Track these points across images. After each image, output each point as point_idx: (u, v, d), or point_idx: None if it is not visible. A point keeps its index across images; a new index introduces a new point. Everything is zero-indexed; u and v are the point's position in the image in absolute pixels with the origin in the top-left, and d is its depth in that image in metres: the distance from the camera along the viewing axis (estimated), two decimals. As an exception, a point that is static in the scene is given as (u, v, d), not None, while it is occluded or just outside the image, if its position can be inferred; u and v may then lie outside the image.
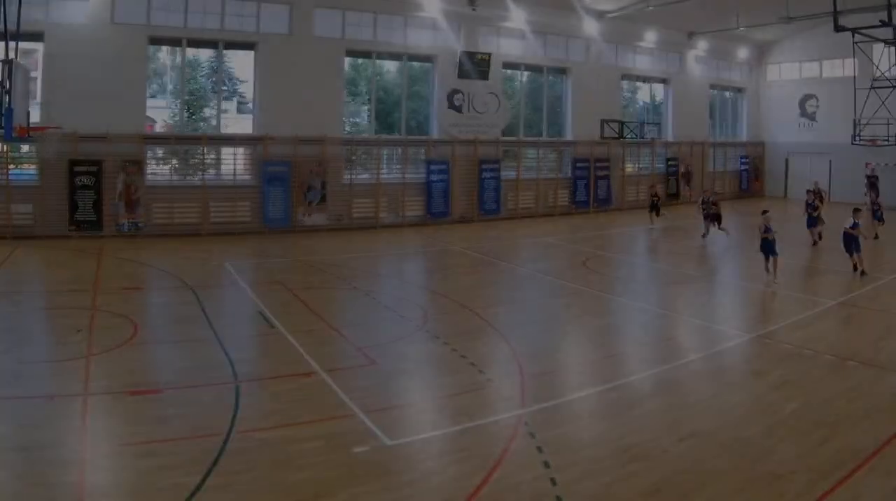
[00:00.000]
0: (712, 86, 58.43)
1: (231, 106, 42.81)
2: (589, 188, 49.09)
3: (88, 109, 33.08)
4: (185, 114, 39.50)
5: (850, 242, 26.90)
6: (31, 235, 32.68)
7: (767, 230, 25.35)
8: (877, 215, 35.84)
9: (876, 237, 34.07)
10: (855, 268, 26.95)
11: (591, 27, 47.62)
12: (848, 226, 26.44)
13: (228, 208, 37.04)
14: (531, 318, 21.23)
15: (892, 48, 45.33)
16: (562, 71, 49.09)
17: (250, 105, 40.43)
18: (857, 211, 27.63)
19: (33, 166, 34.66)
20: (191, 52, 39.29)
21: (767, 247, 25.44)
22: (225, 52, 39.00)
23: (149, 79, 37.68)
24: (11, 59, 23.58)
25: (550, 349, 18.59)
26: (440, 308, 22.61)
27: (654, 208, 41.58)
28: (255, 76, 38.67)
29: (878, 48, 47.34)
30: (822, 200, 35.64)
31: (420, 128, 45.01)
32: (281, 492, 10.57)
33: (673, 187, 54.01)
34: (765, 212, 26.72)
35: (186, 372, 15.62)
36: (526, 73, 48.67)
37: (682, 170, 54.76)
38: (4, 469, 11.01)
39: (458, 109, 43.54)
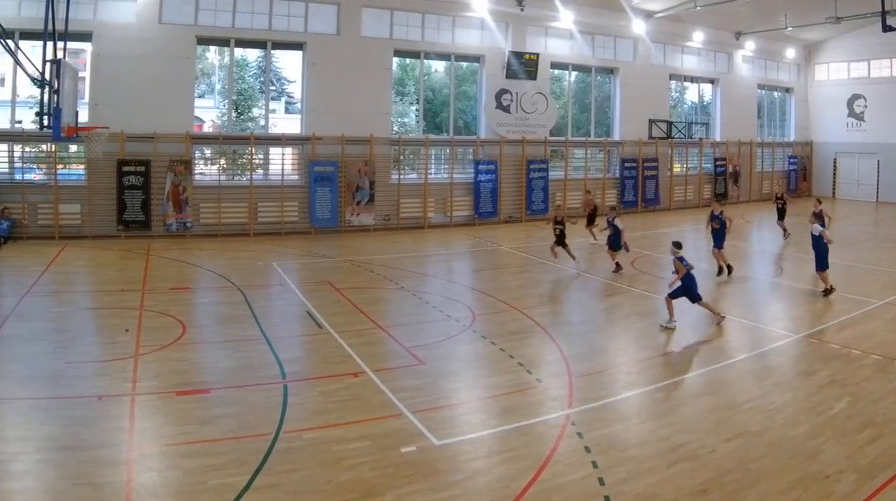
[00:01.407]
0: (760, 86, 56.70)
1: (279, 106, 42.16)
2: (637, 188, 47.80)
3: (136, 109, 32.48)
4: (233, 114, 38.81)
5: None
6: (79, 235, 32.09)
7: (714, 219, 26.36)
8: None
9: None
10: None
11: (639, 27, 46.17)
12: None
13: (276, 208, 36.15)
14: (579, 318, 20.67)
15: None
16: (610, 71, 47.77)
17: (298, 105, 39.58)
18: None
19: (81, 166, 34.08)
20: (239, 52, 38.81)
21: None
22: (273, 51, 38.36)
23: (197, 79, 36.99)
24: (60, 59, 23.28)
25: (598, 349, 18.17)
26: (488, 308, 21.93)
27: (592, 219, 35.20)
28: (303, 76, 37.72)
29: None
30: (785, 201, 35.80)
31: (468, 128, 44.20)
32: (328, 492, 10.43)
33: (721, 187, 52.35)
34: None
35: (234, 372, 15.48)
36: (574, 73, 47.50)
37: (730, 170, 53.15)
38: (52, 468, 10.88)
39: (506, 109, 42.33)
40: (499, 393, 14.56)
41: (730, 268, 26.08)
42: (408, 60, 43.50)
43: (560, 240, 28.18)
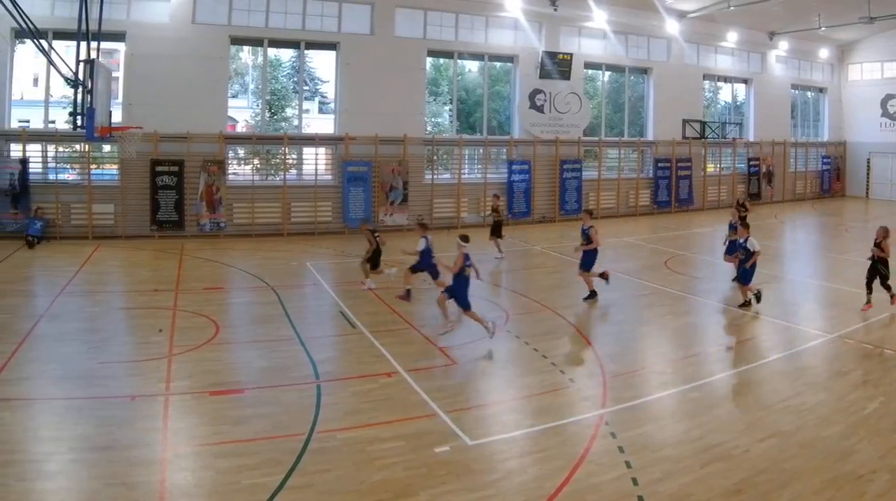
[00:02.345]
0: (794, 86, 55.39)
1: (312, 106, 41.78)
2: (670, 188, 46.69)
3: (170, 109, 32.01)
4: (267, 114, 38.27)
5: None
6: (113, 235, 31.63)
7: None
8: None
9: None
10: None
11: (672, 27, 45.18)
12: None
13: (310, 208, 35.49)
14: (612, 318, 20.38)
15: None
16: (643, 71, 46.72)
17: (332, 105, 38.88)
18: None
19: (115, 166, 33.61)
20: (272, 52, 38.35)
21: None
22: (306, 51, 37.74)
23: (230, 79, 36.60)
24: (93, 59, 22.80)
25: (631, 349, 17.96)
26: (521, 308, 21.65)
27: (497, 230, 30.43)
28: (337, 76, 37.06)
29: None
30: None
31: (501, 128, 43.42)
32: (362, 492, 10.36)
33: (755, 187, 51.37)
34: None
35: (268, 373, 15.37)
36: (607, 73, 46.54)
37: (763, 170, 52.02)
38: (86, 468, 10.79)
39: (540, 109, 41.46)
40: (532, 393, 14.42)
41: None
42: (441, 60, 42.88)
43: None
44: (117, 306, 21.20)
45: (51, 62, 23.41)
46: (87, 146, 31.77)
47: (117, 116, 30.13)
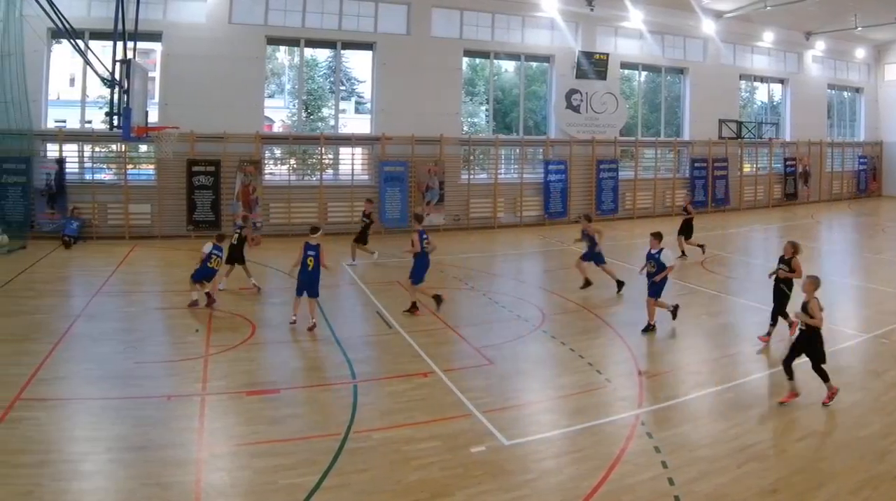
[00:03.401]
0: (830, 86, 53.99)
1: (349, 106, 41.32)
2: (707, 188, 45.53)
3: (206, 109, 31.61)
4: (303, 114, 37.69)
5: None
6: (149, 235, 31.17)
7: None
8: None
9: None
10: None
11: (708, 27, 44.07)
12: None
13: (346, 208, 34.69)
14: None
15: None
16: (680, 71, 45.57)
17: (368, 105, 38.23)
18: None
19: (151, 166, 33.17)
20: (309, 52, 37.95)
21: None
22: (343, 51, 37.22)
23: (266, 79, 35.94)
24: (130, 59, 22.53)
25: (667, 349, 17.63)
26: (557, 308, 21.21)
27: (363, 236, 27.66)
28: (373, 76, 36.41)
29: None
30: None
31: (537, 128, 42.47)
32: (398, 492, 10.18)
33: (791, 187, 50.18)
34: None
35: (304, 373, 15.42)
36: (644, 73, 45.41)
37: (799, 170, 50.68)
38: (122, 468, 10.65)
39: (576, 109, 40.51)
40: (568, 393, 14.19)
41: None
42: (477, 60, 42.03)
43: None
44: (153, 306, 20.85)
45: (87, 62, 22.95)
46: (123, 146, 31.39)
47: (154, 116, 29.79)
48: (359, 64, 39.36)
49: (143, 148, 32.91)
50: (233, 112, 32.23)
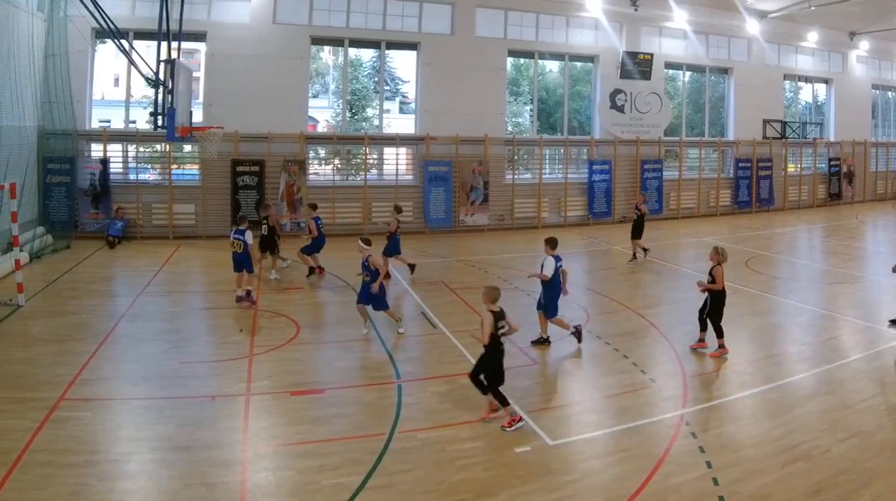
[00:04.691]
0: (874, 86, 51.73)
1: (393, 106, 40.53)
2: (751, 188, 43.85)
3: (250, 109, 30.87)
4: (348, 114, 36.70)
5: None
6: (193, 235, 30.36)
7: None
8: None
9: None
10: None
11: (753, 27, 42.36)
12: None
13: (390, 208, 33.05)
14: (692, 318, 18.03)
15: None
16: (724, 71, 43.78)
17: (412, 105, 37.21)
18: None
19: (195, 166, 32.33)
20: (353, 52, 37.08)
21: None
22: (387, 51, 36.08)
23: (311, 79, 35.00)
24: (174, 59, 22.13)
25: (712, 349, 16.36)
26: (602, 308, 20.66)
27: (272, 244, 24.01)
28: (417, 76, 35.26)
29: None
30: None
31: (582, 128, 40.97)
32: (442, 492, 10.01)
33: (836, 187, 48.29)
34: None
35: (348, 372, 14.93)
36: (688, 73, 43.68)
37: (844, 169, 48.70)
38: (167, 468, 10.50)
39: (621, 109, 39.03)
40: (613, 393, 13.82)
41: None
42: (522, 60, 40.66)
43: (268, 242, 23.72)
44: (198, 306, 20.60)
45: (132, 62, 22.60)
46: (167, 146, 30.61)
47: (198, 116, 29.00)
48: (403, 64, 38.61)
49: (188, 148, 32.20)
50: (277, 112, 31.41)
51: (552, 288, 16.58)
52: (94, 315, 18.71)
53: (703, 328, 16.34)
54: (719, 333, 15.98)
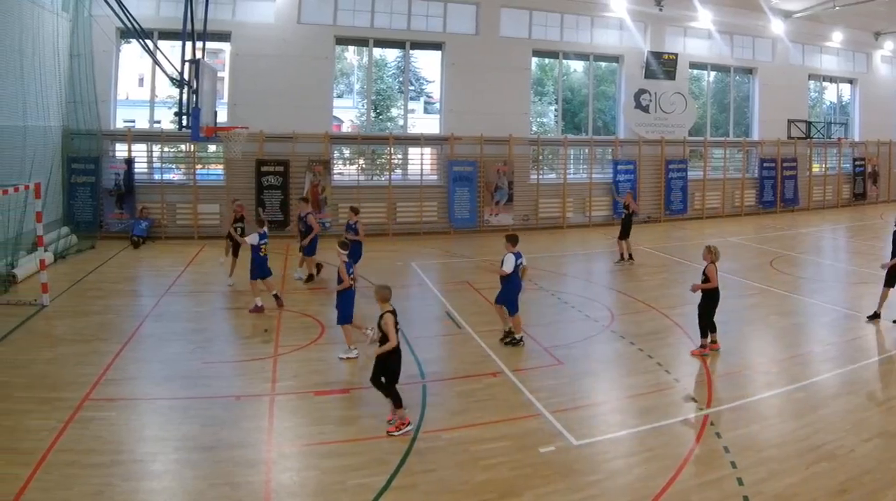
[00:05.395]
0: (899, 86, 50.80)
1: (418, 106, 39.93)
2: (776, 188, 42.88)
3: (275, 109, 30.30)
4: (372, 114, 36.08)
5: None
6: (218, 235, 28.98)
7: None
8: None
9: None
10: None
11: (777, 27, 41.31)
12: None
13: (415, 208, 33.11)
14: (717, 318, 17.57)
15: None
16: (748, 71, 42.81)
17: (437, 105, 36.50)
18: None
19: (220, 166, 31.78)
20: (378, 52, 36.60)
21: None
22: (412, 51, 35.49)
23: (335, 79, 34.25)
24: (198, 59, 21.57)
25: (736, 349, 16.51)
26: (626, 308, 20.29)
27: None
28: (442, 76, 34.55)
29: None
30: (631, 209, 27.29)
31: (606, 128, 40.10)
32: (466, 492, 9.87)
33: (860, 187, 47.18)
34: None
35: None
36: (712, 73, 42.69)
37: (868, 169, 47.60)
38: (191, 468, 10.38)
39: (645, 109, 38.19)
40: (637, 393, 13.59)
41: None
42: (546, 60, 39.75)
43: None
44: (222, 306, 20.17)
45: (156, 62, 21.95)
46: (192, 146, 30.13)
47: (223, 116, 28.56)
48: (428, 64, 37.84)
49: (212, 148, 31.69)
50: (301, 112, 30.77)
51: (511, 285, 16.23)
52: (119, 315, 18.47)
53: (713, 329, 15.96)
54: (703, 332, 15.70)
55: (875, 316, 18.27)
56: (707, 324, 15.65)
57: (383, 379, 11.78)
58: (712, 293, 15.58)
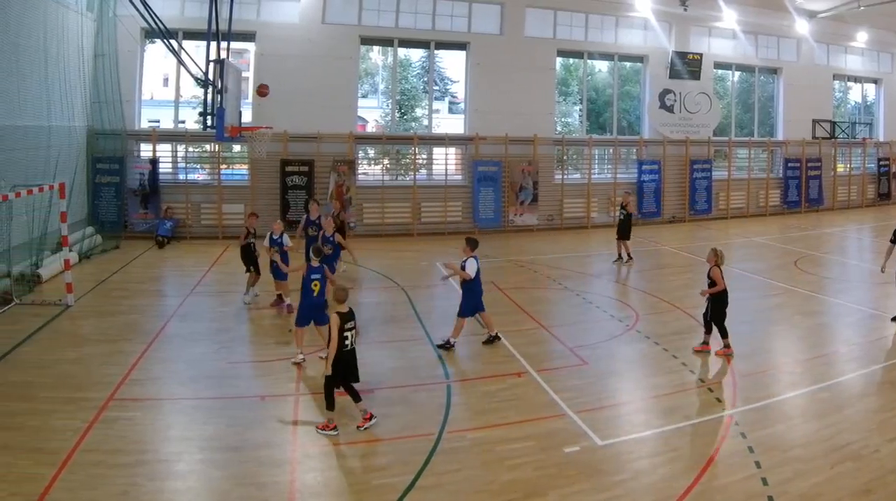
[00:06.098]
0: (925, 86, 49.59)
1: (442, 106, 39.34)
2: (800, 188, 41.84)
3: (299, 109, 29.70)
4: (397, 114, 35.57)
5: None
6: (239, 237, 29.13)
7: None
8: None
9: None
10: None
11: (802, 27, 40.27)
12: None
13: (439, 208, 32.42)
14: (742, 318, 17.74)
15: None
16: (773, 71, 41.76)
17: (461, 105, 35.74)
18: None
19: (244, 166, 31.25)
20: (402, 52, 36.09)
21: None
22: (436, 51, 34.81)
23: (360, 79, 33.63)
24: (223, 59, 21.41)
25: (761, 349, 16.28)
26: (651, 308, 19.87)
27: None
28: (467, 76, 33.84)
29: None
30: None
31: (631, 128, 39.26)
32: (491, 492, 9.69)
33: (885, 187, 46.07)
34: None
35: (398, 372, 14.40)
36: (737, 73, 41.73)
37: (893, 170, 46.36)
38: (216, 468, 10.24)
39: (670, 109, 37.30)
40: (662, 393, 13.34)
41: None
42: (571, 60, 39.00)
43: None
44: (247, 306, 19.53)
45: (181, 62, 21.72)
46: (217, 146, 29.60)
47: (247, 116, 28.08)
48: (452, 64, 37.16)
49: (237, 148, 31.27)
50: (326, 112, 30.21)
51: (474, 292, 15.91)
52: (144, 315, 18.23)
53: (708, 330, 15.59)
54: (723, 333, 15.29)
55: None
56: (722, 324, 15.26)
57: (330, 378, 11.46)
58: (721, 295, 15.21)
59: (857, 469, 10.22)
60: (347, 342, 11.43)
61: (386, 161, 34.41)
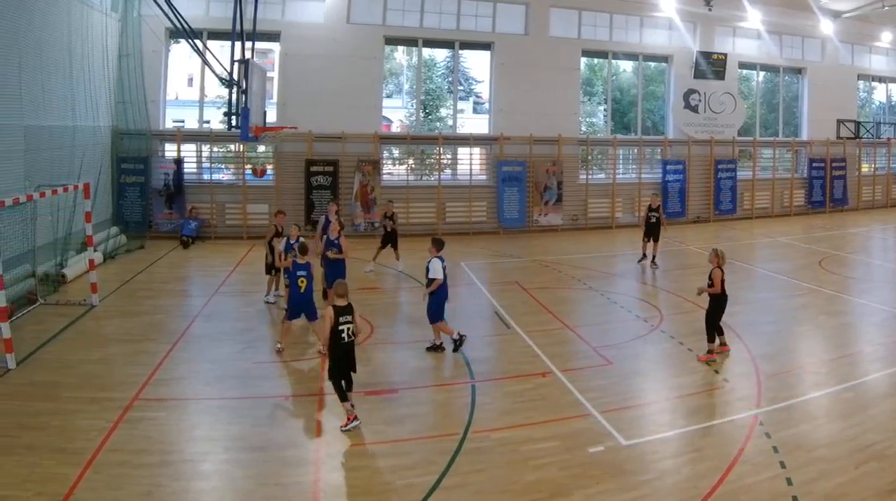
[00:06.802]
0: (949, 87, 48.34)
1: (467, 106, 38.74)
2: (825, 188, 40.87)
3: (324, 109, 29.28)
4: (421, 114, 34.99)
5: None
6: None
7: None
8: None
9: None
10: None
11: (826, 27, 39.28)
12: None
13: (464, 208, 31.78)
14: (766, 318, 18.20)
15: None
16: (797, 71, 40.74)
17: (486, 105, 35.11)
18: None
19: (269, 166, 30.57)
20: (427, 52, 35.47)
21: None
22: (461, 51, 34.14)
23: (384, 79, 33.09)
24: (248, 59, 20.85)
25: (786, 349, 16.10)
26: (676, 308, 19.49)
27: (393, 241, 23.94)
28: (491, 76, 33.18)
29: None
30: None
31: (655, 128, 38.34)
32: (516, 492, 9.51)
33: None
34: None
35: (422, 373, 14.27)
36: (762, 73, 40.66)
37: (917, 170, 45.36)
38: (240, 468, 10.13)
39: (694, 109, 36.43)
40: (686, 393, 13.15)
41: None
42: (595, 60, 38.24)
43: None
44: (271, 306, 19.21)
45: (205, 62, 21.26)
46: (241, 146, 29.10)
47: (272, 116, 27.49)
48: (477, 64, 36.55)
49: (261, 148, 30.71)
50: (351, 112, 29.68)
51: (440, 295, 15.32)
52: (168, 315, 18.02)
53: (721, 333, 15.20)
54: (710, 337, 14.94)
55: None
56: (713, 329, 14.90)
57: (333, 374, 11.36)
58: (719, 298, 14.85)
59: (881, 469, 10.04)
60: (343, 335, 11.12)
61: (410, 161, 33.86)
